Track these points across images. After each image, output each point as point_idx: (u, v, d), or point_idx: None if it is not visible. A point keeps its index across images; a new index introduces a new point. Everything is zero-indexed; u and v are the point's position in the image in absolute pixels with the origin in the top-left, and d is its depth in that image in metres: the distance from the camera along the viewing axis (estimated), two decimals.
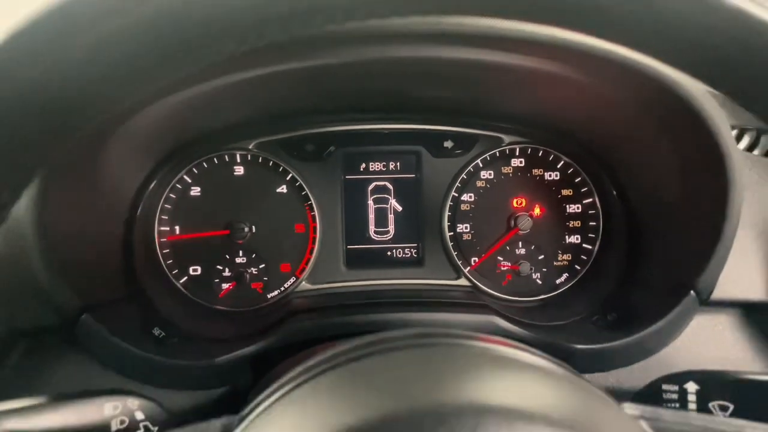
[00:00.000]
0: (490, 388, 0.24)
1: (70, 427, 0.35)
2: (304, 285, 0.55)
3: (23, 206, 0.37)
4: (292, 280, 0.55)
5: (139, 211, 0.51)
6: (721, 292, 0.45)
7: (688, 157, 0.43)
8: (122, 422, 0.36)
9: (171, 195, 0.53)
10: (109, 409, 0.36)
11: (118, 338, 0.43)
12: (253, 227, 0.54)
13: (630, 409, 0.29)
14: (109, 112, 0.22)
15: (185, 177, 0.53)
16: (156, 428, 0.37)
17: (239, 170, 0.54)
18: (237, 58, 0.25)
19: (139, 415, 0.36)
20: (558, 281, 0.56)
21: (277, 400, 0.26)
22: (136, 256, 0.51)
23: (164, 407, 0.37)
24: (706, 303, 0.44)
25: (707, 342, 0.47)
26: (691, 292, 0.43)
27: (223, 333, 0.50)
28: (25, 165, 0.22)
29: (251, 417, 0.27)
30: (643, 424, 0.28)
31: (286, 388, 0.26)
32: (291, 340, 0.46)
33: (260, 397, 0.27)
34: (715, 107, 0.39)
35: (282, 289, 0.55)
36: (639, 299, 0.48)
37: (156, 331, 0.48)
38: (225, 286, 0.55)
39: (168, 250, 0.53)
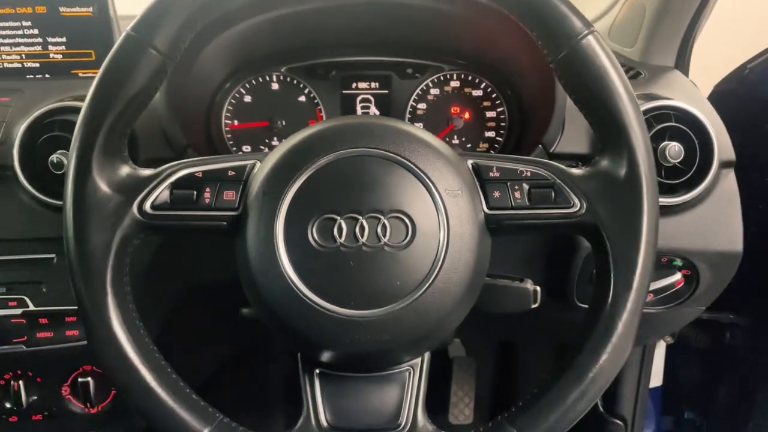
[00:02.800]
0: None
1: None
2: None
3: None
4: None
5: (215, 102, 0.82)
6: (560, 148, 0.73)
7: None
8: None
9: (232, 100, 0.84)
10: None
11: None
12: (283, 121, 0.85)
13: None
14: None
15: (241, 89, 0.85)
16: None
17: (275, 86, 0.85)
18: None
19: None
20: None
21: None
22: (212, 134, 0.82)
23: None
24: (551, 155, 0.73)
25: None
26: (540, 146, 0.72)
27: None
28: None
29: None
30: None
31: None
32: None
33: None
34: None
35: None
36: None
37: None
38: None
39: (229, 135, 0.85)
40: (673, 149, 0.69)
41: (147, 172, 0.52)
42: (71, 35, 0.83)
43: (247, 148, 0.85)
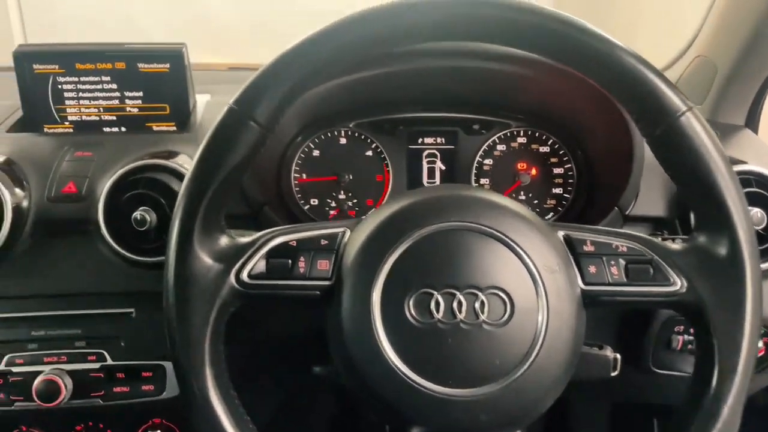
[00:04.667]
0: None
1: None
2: None
3: None
4: (373, 210, 0.86)
5: (286, 157, 0.84)
6: (636, 210, 0.72)
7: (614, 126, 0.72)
8: None
9: (301, 155, 0.86)
10: None
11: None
12: (350, 175, 0.86)
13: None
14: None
15: (310, 143, 0.86)
16: None
17: (343, 140, 0.87)
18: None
19: None
20: (547, 217, 0.85)
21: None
22: (283, 188, 0.84)
23: None
24: (627, 218, 0.72)
25: None
26: (616, 208, 0.72)
27: None
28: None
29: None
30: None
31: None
32: None
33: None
34: None
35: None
36: (597, 215, 0.76)
37: None
38: (332, 212, 0.86)
39: (298, 189, 0.86)
40: (756, 216, 0.68)
41: (243, 240, 0.53)
42: (147, 90, 0.85)
43: (314, 201, 0.86)
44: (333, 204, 0.85)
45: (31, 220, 0.70)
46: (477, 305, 0.48)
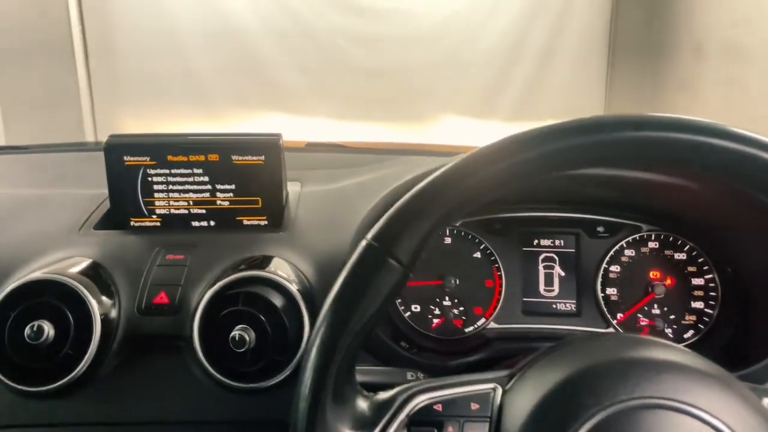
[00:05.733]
0: None
1: None
2: (492, 324, 0.77)
3: None
4: (482, 320, 0.77)
5: None
6: None
7: None
8: None
9: None
10: None
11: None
12: (457, 280, 0.77)
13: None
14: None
15: None
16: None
17: (448, 240, 0.78)
18: None
19: None
20: (686, 336, 0.74)
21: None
22: None
23: None
24: None
25: None
26: None
27: (438, 349, 0.73)
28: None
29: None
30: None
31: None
32: (494, 356, 0.68)
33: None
34: None
35: (476, 326, 0.77)
36: (751, 347, 0.65)
37: (403, 344, 0.71)
38: (436, 321, 0.77)
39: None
40: None
41: (380, 397, 0.45)
42: (240, 182, 0.80)
43: (416, 308, 0.77)
44: (437, 311, 0.77)
45: (120, 335, 0.64)
46: None
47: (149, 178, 0.79)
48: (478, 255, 0.77)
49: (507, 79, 3.70)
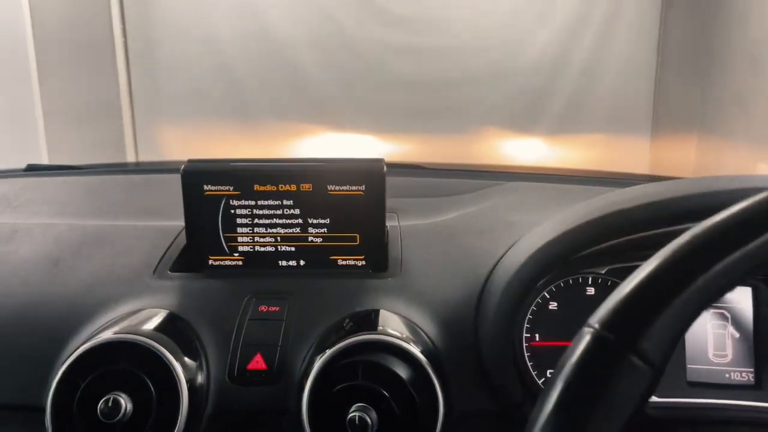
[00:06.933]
0: None
1: None
2: (653, 398, 0.63)
3: None
4: None
5: (517, 315, 0.63)
6: None
7: None
8: None
9: (534, 308, 0.65)
10: None
11: None
12: None
13: None
14: None
15: (546, 293, 0.65)
16: None
17: (590, 291, 0.65)
18: None
19: None
20: None
21: None
22: (511, 354, 0.63)
23: None
24: None
25: None
26: None
27: None
28: None
29: None
30: None
31: None
32: None
33: None
34: None
35: None
36: None
37: None
38: None
39: (529, 354, 0.65)
40: None
41: None
42: (335, 216, 0.68)
43: (551, 372, 0.64)
44: None
45: (210, 409, 0.52)
46: None
47: (232, 210, 0.68)
48: None
49: (550, 93, 3.55)
